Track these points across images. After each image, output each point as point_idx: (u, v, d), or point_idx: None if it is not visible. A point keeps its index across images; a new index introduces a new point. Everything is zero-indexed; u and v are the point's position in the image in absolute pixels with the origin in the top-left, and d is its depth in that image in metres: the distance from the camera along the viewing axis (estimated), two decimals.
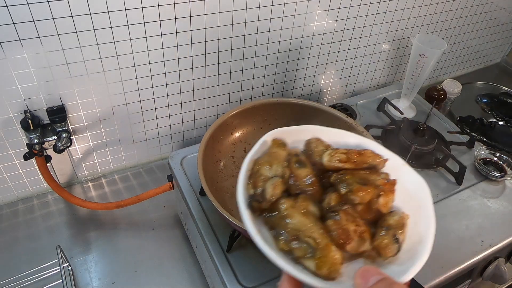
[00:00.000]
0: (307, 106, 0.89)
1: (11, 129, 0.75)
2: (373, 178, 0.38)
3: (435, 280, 0.74)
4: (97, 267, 0.76)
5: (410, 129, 0.99)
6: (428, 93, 1.18)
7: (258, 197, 0.35)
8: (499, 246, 0.81)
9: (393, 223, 0.36)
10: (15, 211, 0.84)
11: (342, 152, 0.39)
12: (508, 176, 0.94)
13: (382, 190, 0.37)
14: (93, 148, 0.87)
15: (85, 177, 0.92)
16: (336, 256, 0.32)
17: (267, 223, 0.35)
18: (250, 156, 0.38)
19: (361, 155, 0.39)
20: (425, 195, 0.38)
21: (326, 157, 0.38)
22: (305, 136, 0.42)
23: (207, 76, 0.89)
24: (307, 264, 0.33)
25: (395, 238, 0.35)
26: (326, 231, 0.34)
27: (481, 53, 1.40)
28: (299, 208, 0.35)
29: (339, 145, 0.42)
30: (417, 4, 1.05)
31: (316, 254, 0.32)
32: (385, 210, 0.37)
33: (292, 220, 0.34)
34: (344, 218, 0.34)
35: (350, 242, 0.34)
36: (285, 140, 0.41)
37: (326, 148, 0.40)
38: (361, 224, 0.35)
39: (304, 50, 0.98)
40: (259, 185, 0.36)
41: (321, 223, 0.35)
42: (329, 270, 0.32)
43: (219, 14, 0.79)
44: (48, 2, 0.64)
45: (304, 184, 0.37)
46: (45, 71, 0.71)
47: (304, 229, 0.33)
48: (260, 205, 0.35)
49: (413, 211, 0.38)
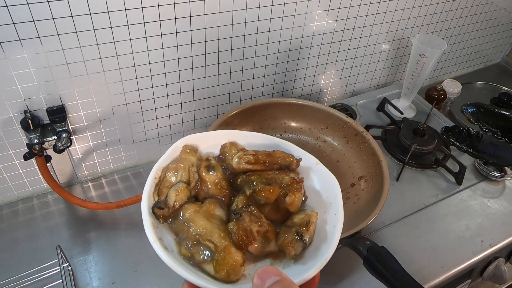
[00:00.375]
0: (307, 106, 0.89)
1: (11, 129, 0.75)
2: (281, 177, 0.38)
3: (435, 280, 0.74)
4: (97, 267, 0.76)
5: (410, 129, 0.99)
6: (428, 93, 1.18)
7: (161, 204, 0.35)
8: (499, 246, 0.81)
9: (297, 221, 0.36)
10: (15, 211, 0.84)
11: (250, 154, 0.39)
12: (508, 176, 0.94)
13: (289, 189, 0.36)
14: (93, 148, 0.87)
15: (85, 177, 0.92)
16: (236, 258, 0.32)
17: (172, 229, 0.35)
18: (158, 163, 0.38)
19: (271, 156, 0.39)
20: (336, 193, 0.38)
21: (235, 159, 0.39)
22: (221, 141, 0.42)
23: (207, 76, 0.89)
24: (207, 268, 0.33)
25: (298, 236, 0.34)
26: (227, 233, 0.34)
27: (481, 53, 1.40)
28: (203, 213, 0.35)
29: (254, 147, 0.41)
30: (417, 4, 1.05)
31: (215, 258, 0.32)
32: (293, 209, 0.37)
33: (193, 225, 0.34)
34: (247, 219, 0.34)
35: (252, 243, 0.34)
36: (198, 146, 0.41)
37: (239, 151, 0.40)
38: (265, 225, 0.35)
39: (304, 50, 0.98)
40: (163, 192, 0.36)
41: (225, 226, 0.35)
42: (228, 273, 0.32)
43: (219, 14, 0.79)
44: (48, 2, 0.64)
45: (212, 188, 0.37)
46: (45, 71, 0.71)
47: (205, 233, 0.33)
48: (163, 212, 0.35)
49: (323, 209, 0.38)
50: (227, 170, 0.39)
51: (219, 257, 0.32)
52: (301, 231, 0.34)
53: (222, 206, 0.37)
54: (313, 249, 0.35)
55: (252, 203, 0.36)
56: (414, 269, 0.73)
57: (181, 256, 0.34)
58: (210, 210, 0.36)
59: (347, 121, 0.87)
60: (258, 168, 0.38)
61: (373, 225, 0.82)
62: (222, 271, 0.32)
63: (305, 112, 0.90)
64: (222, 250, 0.32)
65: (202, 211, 0.35)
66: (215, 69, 0.88)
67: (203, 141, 0.42)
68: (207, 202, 0.36)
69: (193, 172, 0.38)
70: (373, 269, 0.63)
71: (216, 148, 0.42)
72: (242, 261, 0.33)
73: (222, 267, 0.32)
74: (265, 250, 0.35)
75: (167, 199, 0.35)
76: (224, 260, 0.32)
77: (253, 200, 0.36)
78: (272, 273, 0.29)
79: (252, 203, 0.36)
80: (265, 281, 0.28)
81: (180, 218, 0.35)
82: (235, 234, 0.33)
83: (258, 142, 0.42)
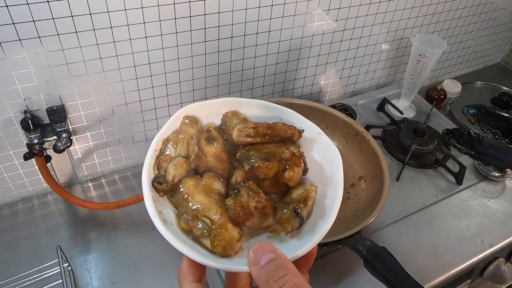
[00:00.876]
0: (307, 106, 0.89)
1: (11, 129, 0.75)
2: (281, 151, 0.37)
3: (435, 280, 0.74)
4: (97, 267, 0.76)
5: (410, 129, 0.99)
6: (428, 93, 1.18)
7: (160, 179, 0.35)
8: (499, 246, 0.81)
9: (295, 197, 0.35)
10: (15, 211, 0.84)
11: (250, 127, 0.38)
12: (508, 176, 0.94)
13: (288, 164, 0.36)
14: (93, 148, 0.87)
15: (85, 177, 0.92)
16: (232, 234, 0.32)
17: (172, 202, 0.36)
18: (159, 135, 0.38)
19: (271, 128, 0.38)
20: (337, 165, 0.37)
21: (235, 132, 0.38)
22: (222, 110, 0.41)
23: (207, 76, 0.89)
24: (205, 243, 0.33)
25: (295, 213, 0.34)
26: (225, 209, 0.34)
27: (481, 53, 1.40)
28: (202, 187, 0.35)
29: (258, 118, 0.40)
30: (417, 4, 1.05)
31: (212, 233, 0.33)
32: (292, 184, 0.37)
33: (192, 200, 0.34)
34: (245, 194, 0.34)
35: (249, 218, 0.34)
36: (198, 116, 0.40)
37: (241, 122, 0.39)
38: (263, 200, 0.35)
39: (304, 50, 0.98)
40: (162, 166, 0.36)
41: (223, 201, 0.34)
42: (224, 248, 0.32)
43: (219, 14, 0.79)
44: (48, 2, 0.64)
45: (212, 161, 0.37)
46: (45, 71, 0.71)
47: (202, 209, 0.33)
48: (162, 186, 0.35)
49: (324, 181, 0.37)
50: (227, 141, 0.38)
51: (216, 233, 0.32)
52: (299, 207, 0.34)
53: (222, 179, 0.36)
54: (311, 224, 0.35)
55: (251, 177, 0.36)
56: (414, 269, 0.73)
57: (180, 229, 0.34)
58: (209, 184, 0.35)
59: (347, 121, 0.87)
60: (258, 141, 0.38)
61: (373, 225, 0.82)
62: (218, 246, 0.32)
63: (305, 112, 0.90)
64: (219, 227, 0.32)
65: (201, 185, 0.35)
66: (215, 69, 0.88)
67: (205, 110, 0.40)
68: (206, 176, 0.36)
69: (192, 145, 0.38)
70: (373, 269, 0.62)
71: (218, 117, 0.41)
72: (238, 236, 0.33)
73: (219, 242, 0.32)
74: (262, 224, 0.35)
75: (166, 174, 0.35)
76: (221, 236, 0.32)
77: (251, 175, 0.36)
78: (267, 250, 0.29)
79: (251, 178, 0.36)
80: (260, 258, 0.29)
81: (179, 192, 0.35)
82: (232, 210, 0.33)
83: (260, 110, 0.41)
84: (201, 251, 0.32)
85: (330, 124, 0.90)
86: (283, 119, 0.41)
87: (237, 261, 0.32)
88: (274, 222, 0.35)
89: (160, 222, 0.33)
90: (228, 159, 0.38)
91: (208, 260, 0.31)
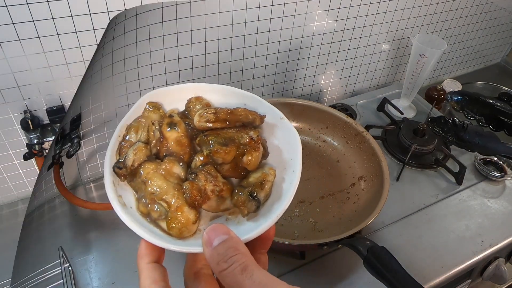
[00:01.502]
0: (307, 106, 0.89)
1: (11, 129, 0.75)
2: (240, 136, 0.37)
3: (435, 280, 0.74)
4: (97, 267, 0.76)
5: (410, 129, 0.99)
6: (428, 93, 1.18)
7: (120, 164, 0.36)
8: (499, 246, 0.81)
9: (252, 180, 0.36)
10: (15, 211, 0.84)
11: (211, 112, 0.38)
12: (508, 176, 0.94)
13: (247, 149, 0.37)
14: (96, 149, 0.87)
15: (87, 178, 0.92)
16: (188, 216, 0.33)
17: (132, 187, 0.37)
18: (123, 121, 0.39)
19: (232, 114, 0.38)
20: (296, 149, 0.38)
21: (196, 117, 0.38)
22: (187, 95, 0.41)
23: (207, 76, 0.89)
24: (162, 225, 0.34)
25: (251, 196, 0.35)
26: (182, 193, 0.35)
27: (481, 53, 1.40)
28: (161, 171, 0.36)
29: (223, 104, 0.41)
30: (417, 4, 1.05)
31: (168, 216, 0.34)
32: (251, 168, 0.37)
33: (150, 184, 0.35)
34: (203, 178, 0.35)
35: (205, 202, 0.35)
36: (162, 102, 0.41)
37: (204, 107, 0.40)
38: (220, 184, 0.36)
39: (304, 50, 0.98)
40: (123, 152, 0.37)
41: (181, 185, 0.35)
42: (180, 230, 0.33)
43: (219, 14, 0.79)
44: (48, 2, 0.63)
45: (173, 146, 0.37)
46: (45, 71, 0.71)
47: (159, 193, 0.34)
48: (122, 171, 0.36)
49: (283, 165, 0.38)
50: (190, 127, 0.39)
51: (172, 216, 0.33)
52: (255, 190, 0.35)
53: (182, 164, 0.37)
54: (268, 206, 0.35)
55: (210, 162, 0.37)
56: (414, 269, 0.73)
57: (139, 212, 0.35)
58: (168, 168, 0.36)
59: (347, 121, 0.87)
60: (219, 126, 0.38)
61: (373, 225, 0.82)
62: (174, 228, 0.33)
63: (305, 112, 0.90)
64: (175, 209, 0.33)
65: (160, 169, 0.36)
66: (215, 69, 0.88)
67: (169, 96, 0.41)
68: (166, 161, 0.37)
69: (153, 130, 0.38)
70: (373, 269, 0.63)
71: (183, 103, 0.41)
72: (194, 219, 0.34)
73: (175, 224, 0.33)
74: (220, 207, 0.36)
75: (126, 159, 0.36)
76: (176, 218, 0.33)
77: (210, 159, 0.37)
78: (220, 232, 0.30)
79: (210, 162, 0.37)
80: (212, 239, 0.29)
81: (139, 176, 0.36)
82: (189, 194, 0.34)
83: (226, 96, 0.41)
84: (157, 233, 0.33)
85: (330, 124, 0.90)
86: (247, 104, 0.41)
87: (193, 242, 0.33)
88: (232, 205, 0.36)
89: (119, 205, 0.34)
90: (190, 144, 0.38)
91: (163, 241, 0.32)
